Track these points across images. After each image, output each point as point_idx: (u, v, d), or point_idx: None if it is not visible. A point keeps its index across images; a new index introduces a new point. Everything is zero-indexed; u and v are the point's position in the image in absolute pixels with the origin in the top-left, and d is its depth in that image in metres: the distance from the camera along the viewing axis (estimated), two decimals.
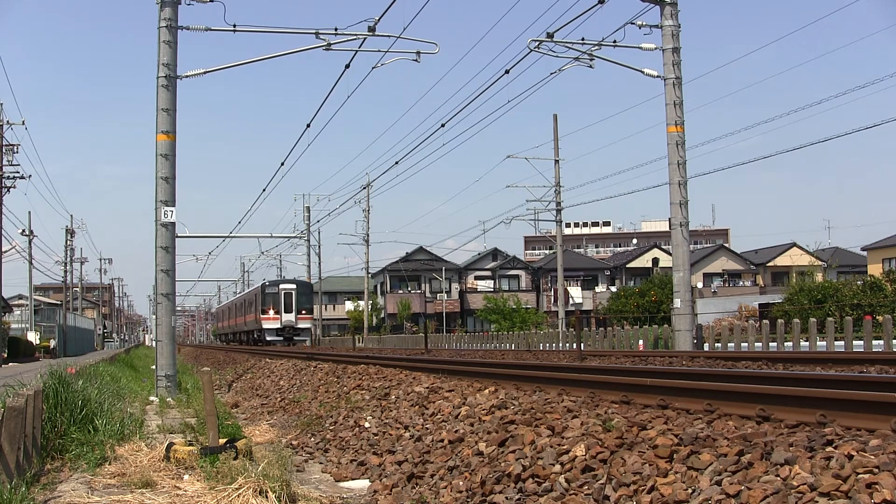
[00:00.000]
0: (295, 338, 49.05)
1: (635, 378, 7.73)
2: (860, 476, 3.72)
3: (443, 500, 6.05)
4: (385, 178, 49.09)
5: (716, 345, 23.23)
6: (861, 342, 18.86)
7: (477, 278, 76.17)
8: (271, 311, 48.81)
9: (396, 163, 35.63)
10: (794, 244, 71.27)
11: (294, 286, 50.22)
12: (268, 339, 48.60)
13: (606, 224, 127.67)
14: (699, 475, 4.44)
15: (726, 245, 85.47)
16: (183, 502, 5.95)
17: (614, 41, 21.43)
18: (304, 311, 49.46)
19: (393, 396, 10.47)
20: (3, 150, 43.78)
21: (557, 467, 5.37)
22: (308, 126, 24.51)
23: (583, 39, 22.02)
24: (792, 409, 5.32)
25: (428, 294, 73.86)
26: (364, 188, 53.06)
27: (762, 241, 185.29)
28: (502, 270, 75.50)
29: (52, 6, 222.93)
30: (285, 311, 48.86)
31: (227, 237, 44.28)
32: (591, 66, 22.43)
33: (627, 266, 73.95)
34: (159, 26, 17.28)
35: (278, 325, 48.69)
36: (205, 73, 18.46)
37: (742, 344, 20.95)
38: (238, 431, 9.64)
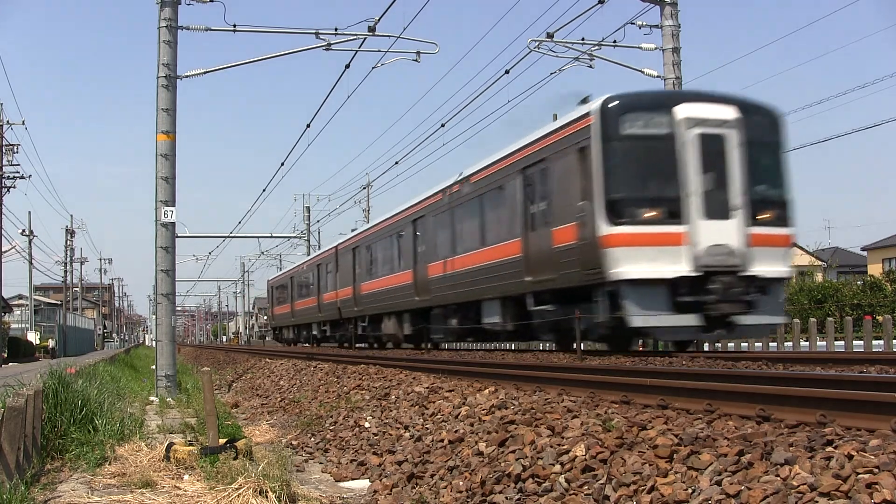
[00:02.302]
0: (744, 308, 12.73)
1: (635, 378, 7.73)
2: (860, 476, 3.72)
3: (443, 500, 6.04)
4: (385, 178, 48.01)
5: (716, 345, 23.20)
6: (861, 342, 18.87)
7: None
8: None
9: (396, 163, 33.41)
10: (794, 244, 71.16)
11: (737, 114, 12.81)
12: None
13: None
14: (699, 475, 4.44)
15: None
16: (183, 502, 5.96)
17: (614, 41, 21.40)
18: (768, 211, 13.28)
19: (393, 396, 10.47)
20: (3, 150, 43.80)
21: (557, 467, 5.37)
22: (308, 126, 24.38)
23: (583, 39, 21.98)
24: (792, 409, 5.31)
25: None
26: (364, 188, 52.81)
27: None
28: None
29: (52, 6, 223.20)
30: (709, 214, 12.44)
31: (227, 237, 44.38)
32: (591, 66, 22.37)
33: None
34: (159, 26, 17.29)
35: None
36: (205, 73, 18.48)
37: (742, 344, 20.95)
38: (238, 431, 9.64)
